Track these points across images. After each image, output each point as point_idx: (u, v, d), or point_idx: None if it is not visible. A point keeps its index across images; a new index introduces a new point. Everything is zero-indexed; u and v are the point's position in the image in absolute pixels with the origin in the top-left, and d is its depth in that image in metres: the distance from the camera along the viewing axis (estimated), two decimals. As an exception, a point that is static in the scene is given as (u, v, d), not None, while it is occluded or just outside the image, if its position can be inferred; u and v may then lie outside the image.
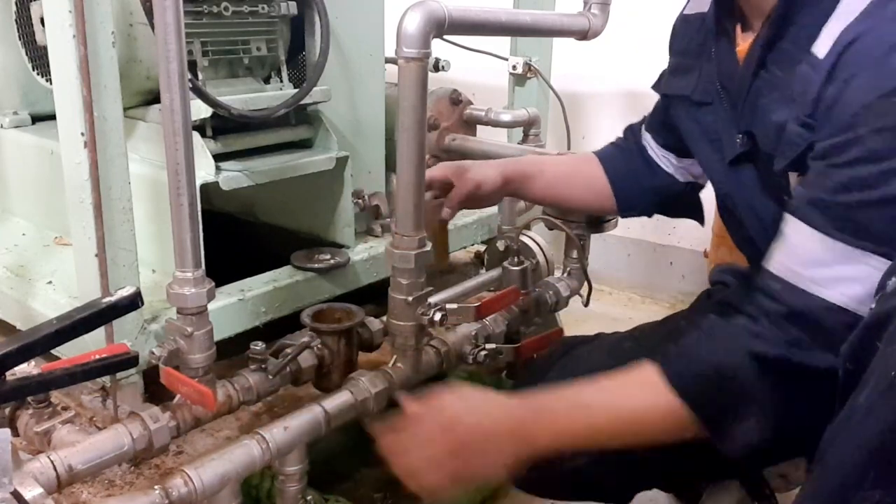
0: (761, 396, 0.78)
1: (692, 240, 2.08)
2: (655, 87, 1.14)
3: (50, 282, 1.33)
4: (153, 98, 1.33)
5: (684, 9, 1.09)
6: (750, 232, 0.98)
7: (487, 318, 1.30)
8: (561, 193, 1.25)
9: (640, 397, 0.83)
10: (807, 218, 0.76)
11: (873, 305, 0.69)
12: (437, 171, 1.16)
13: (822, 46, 0.77)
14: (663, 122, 1.14)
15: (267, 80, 1.46)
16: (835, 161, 0.74)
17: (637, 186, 1.19)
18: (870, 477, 0.65)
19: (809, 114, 0.77)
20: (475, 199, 1.18)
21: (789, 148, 0.81)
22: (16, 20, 1.50)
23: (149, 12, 1.10)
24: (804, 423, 0.75)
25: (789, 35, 0.82)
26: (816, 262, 0.75)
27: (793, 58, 0.81)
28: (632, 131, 1.23)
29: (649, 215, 1.23)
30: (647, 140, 1.19)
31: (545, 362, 1.14)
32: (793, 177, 0.84)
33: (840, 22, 0.76)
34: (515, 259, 1.39)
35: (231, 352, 1.17)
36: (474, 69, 2.01)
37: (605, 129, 2.49)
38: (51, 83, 1.09)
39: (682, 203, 1.20)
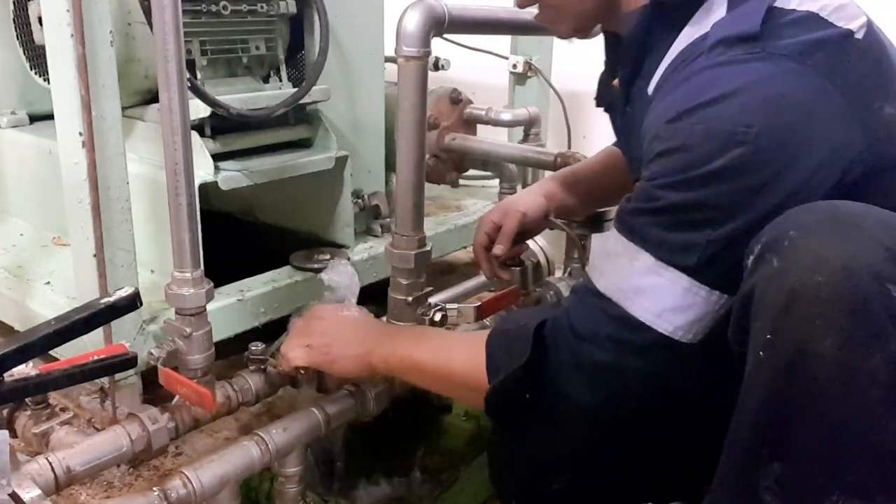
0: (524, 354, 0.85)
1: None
2: None
3: (48, 282, 1.32)
4: (152, 97, 1.33)
5: None
6: None
7: (488, 319, 1.30)
8: (600, 195, 1.27)
9: (462, 346, 0.96)
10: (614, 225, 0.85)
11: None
12: (485, 221, 1.20)
13: (652, 85, 0.86)
14: None
15: (266, 80, 1.45)
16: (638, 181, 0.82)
17: None
18: (764, 454, 0.69)
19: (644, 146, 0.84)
20: (527, 229, 1.20)
21: None
22: (13, 20, 1.49)
23: (147, 11, 1.09)
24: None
25: (642, 73, 0.89)
26: (617, 266, 0.81)
27: (642, 96, 0.88)
28: None
29: None
30: None
31: None
32: None
33: (664, 63, 0.84)
34: (516, 259, 1.39)
35: (230, 352, 1.17)
36: (474, 68, 2.01)
37: (606, 128, 2.48)
38: (48, 83, 1.09)
39: None
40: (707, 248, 0.75)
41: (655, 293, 0.77)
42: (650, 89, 0.86)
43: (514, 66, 1.98)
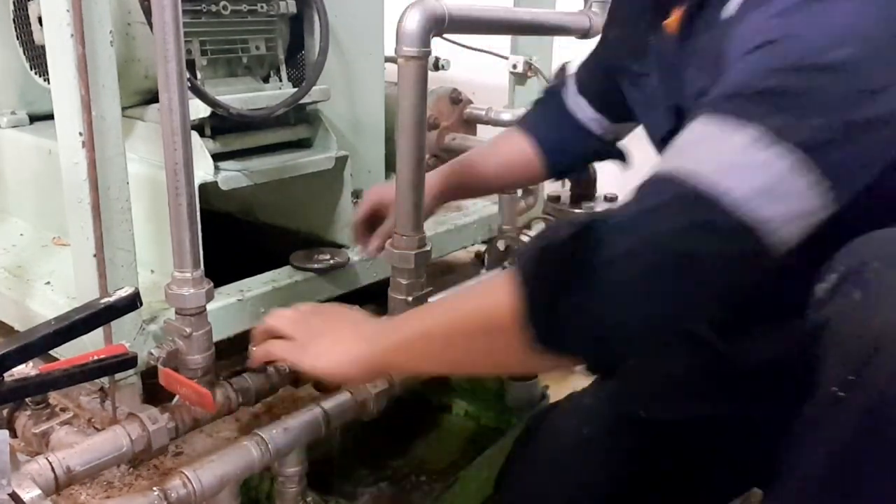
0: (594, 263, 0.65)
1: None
2: (594, 55, 1.15)
3: (48, 282, 1.32)
4: (152, 97, 1.33)
5: None
6: None
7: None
8: (497, 182, 1.27)
9: (474, 292, 0.76)
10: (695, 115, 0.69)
11: (808, 311, 0.69)
12: (364, 204, 1.20)
13: (730, 8, 0.76)
14: (603, 89, 1.12)
15: (266, 80, 1.45)
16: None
17: (569, 153, 1.20)
18: (835, 497, 0.65)
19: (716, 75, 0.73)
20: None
21: None
22: (13, 20, 1.49)
23: (147, 11, 1.09)
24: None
25: (712, 2, 0.80)
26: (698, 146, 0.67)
27: (711, 24, 0.79)
28: (553, 95, 1.22)
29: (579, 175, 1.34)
30: (580, 104, 1.17)
31: (525, 436, 1.12)
32: None
33: None
34: (516, 259, 1.39)
35: (230, 352, 1.17)
36: (474, 68, 2.01)
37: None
38: (48, 83, 1.09)
39: (609, 155, 1.21)
40: (823, 130, 0.62)
41: (747, 170, 0.62)
42: (731, 9, 0.75)
43: (514, 66, 1.97)
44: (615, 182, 1.74)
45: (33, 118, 1.63)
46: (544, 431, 1.08)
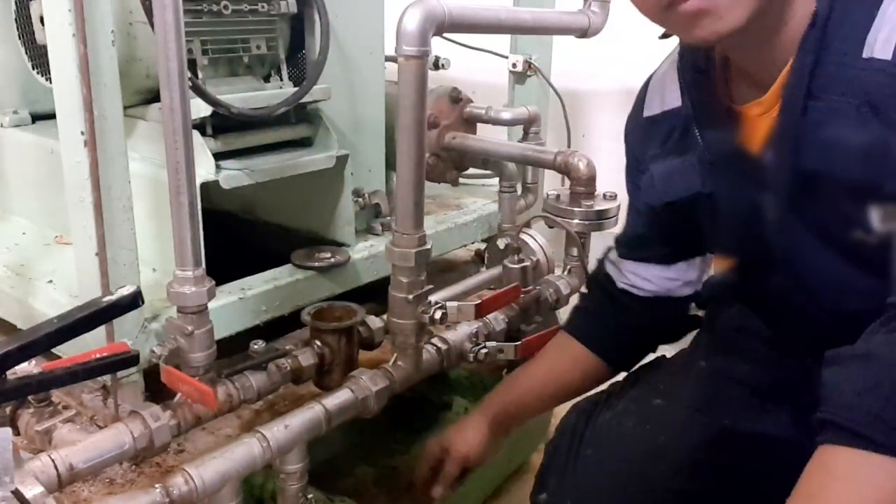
0: None
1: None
2: (645, 198, 1.07)
3: (50, 281, 1.33)
4: (153, 97, 1.33)
5: (642, 113, 1.06)
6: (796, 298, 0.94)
7: (488, 317, 1.30)
8: (555, 396, 1.20)
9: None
10: None
11: None
12: (429, 456, 1.16)
13: (880, 51, 0.74)
14: (649, 234, 1.11)
15: (267, 79, 1.45)
16: None
17: (624, 344, 1.16)
18: None
19: None
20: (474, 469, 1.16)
21: None
22: (15, 19, 1.50)
23: (148, 11, 1.09)
24: None
25: (828, 59, 0.79)
26: None
27: (840, 77, 0.78)
28: (596, 282, 1.21)
29: (654, 351, 1.21)
30: (627, 268, 1.14)
31: (567, 439, 1.08)
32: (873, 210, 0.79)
33: (891, 24, 0.74)
34: (516, 257, 1.39)
35: (232, 350, 1.17)
36: (474, 67, 2.01)
37: (605, 127, 2.49)
38: (50, 82, 1.09)
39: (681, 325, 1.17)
40: None
41: None
42: (881, 55, 0.74)
43: (514, 65, 1.98)
44: (615, 181, 1.75)
45: (35, 117, 1.63)
46: (604, 435, 1.05)
